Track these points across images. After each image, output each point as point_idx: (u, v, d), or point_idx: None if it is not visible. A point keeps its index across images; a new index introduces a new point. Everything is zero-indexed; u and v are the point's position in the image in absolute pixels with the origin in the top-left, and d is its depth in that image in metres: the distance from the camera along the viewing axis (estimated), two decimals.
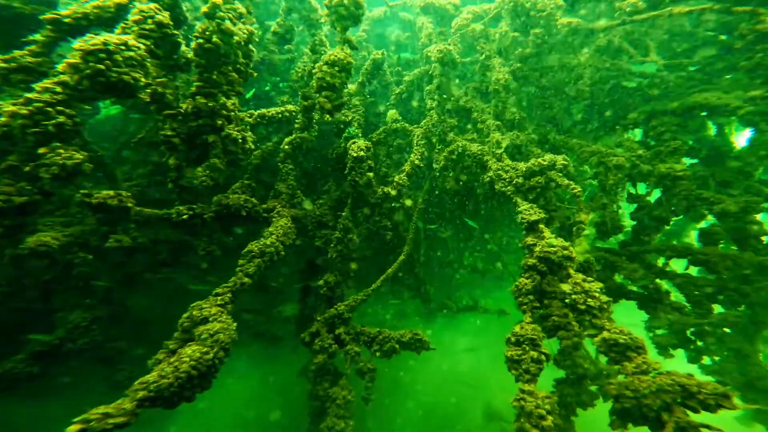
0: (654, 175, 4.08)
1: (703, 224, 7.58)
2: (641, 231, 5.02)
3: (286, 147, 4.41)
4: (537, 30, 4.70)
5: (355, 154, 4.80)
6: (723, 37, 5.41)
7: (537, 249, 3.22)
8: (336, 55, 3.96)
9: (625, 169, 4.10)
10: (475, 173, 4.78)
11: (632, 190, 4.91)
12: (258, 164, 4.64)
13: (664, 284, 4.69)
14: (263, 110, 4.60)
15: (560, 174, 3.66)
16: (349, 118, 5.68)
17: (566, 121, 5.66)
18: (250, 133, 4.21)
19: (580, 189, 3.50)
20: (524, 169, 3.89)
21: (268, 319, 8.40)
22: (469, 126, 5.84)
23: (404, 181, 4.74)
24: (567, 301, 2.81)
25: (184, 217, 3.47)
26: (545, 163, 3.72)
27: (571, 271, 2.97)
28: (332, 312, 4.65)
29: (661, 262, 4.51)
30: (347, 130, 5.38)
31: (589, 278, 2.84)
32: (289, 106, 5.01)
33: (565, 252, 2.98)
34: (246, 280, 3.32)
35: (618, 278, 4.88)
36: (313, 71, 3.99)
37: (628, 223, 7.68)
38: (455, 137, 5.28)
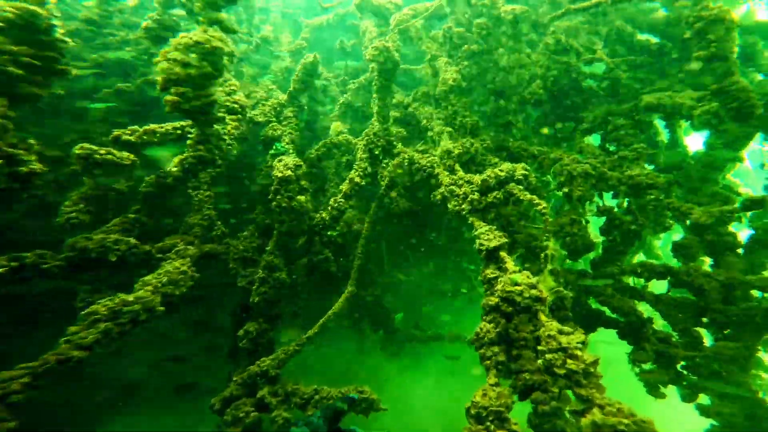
0: (624, 183, 3.60)
1: (663, 236, 7.41)
2: (613, 247, 4.55)
3: (175, 169, 3.50)
4: (481, 20, 4.21)
5: (280, 174, 3.99)
6: (654, 39, 5.26)
7: (499, 287, 2.53)
8: (192, 38, 3.08)
9: (591, 177, 3.59)
10: (427, 189, 4.11)
11: (599, 201, 4.45)
12: (151, 192, 3.66)
13: (644, 308, 4.20)
14: (153, 126, 3.66)
15: (520, 187, 3.05)
16: (278, 132, 4.88)
17: (523, 126, 5.19)
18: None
19: (545, 205, 2.90)
20: (479, 182, 3.25)
21: (199, 367, 7.17)
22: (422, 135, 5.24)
23: (341, 204, 3.96)
24: (540, 362, 2.11)
25: (2, 270, 2.44)
26: (502, 174, 3.10)
27: (543, 317, 2.29)
28: (254, 369, 3.70)
29: (639, 284, 4.02)
30: (274, 146, 4.56)
31: (567, 327, 2.16)
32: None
33: (533, 292, 2.30)
34: (75, 354, 2.33)
35: (593, 303, 4.33)
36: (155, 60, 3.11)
37: (594, 233, 7.35)
38: (403, 149, 4.62)
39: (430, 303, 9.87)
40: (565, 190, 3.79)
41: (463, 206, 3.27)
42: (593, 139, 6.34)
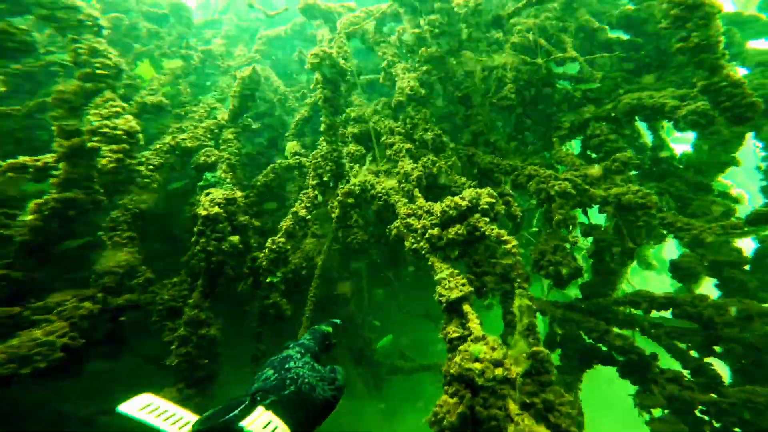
0: (610, 203, 3.14)
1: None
2: (603, 268, 4.08)
3: (31, 218, 2.85)
4: (433, 17, 3.76)
5: (205, 213, 3.41)
6: (625, 37, 4.95)
7: (457, 359, 1.98)
8: None
9: (572, 196, 3.12)
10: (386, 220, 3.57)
11: (584, 219, 3.99)
12: (28, 241, 2.99)
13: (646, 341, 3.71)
14: (23, 158, 2.98)
15: (486, 219, 2.54)
16: (213, 158, 4.29)
17: (495, 136, 4.74)
18: None
19: (515, 243, 2.38)
20: (439, 213, 2.73)
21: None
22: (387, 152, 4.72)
23: (281, 245, 3.39)
24: None
25: None
26: (464, 203, 2.59)
27: (513, 406, 1.74)
28: None
29: (638, 312, 3.53)
30: (204, 177, 3.97)
31: (542, 427, 1.62)
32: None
33: (498, 372, 1.76)
34: None
35: (586, 338, 3.83)
36: None
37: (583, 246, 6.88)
38: (360, 171, 4.08)
39: (415, 329, 9.31)
40: (544, 211, 3.30)
41: (422, 244, 2.73)
42: (575, 144, 5.97)
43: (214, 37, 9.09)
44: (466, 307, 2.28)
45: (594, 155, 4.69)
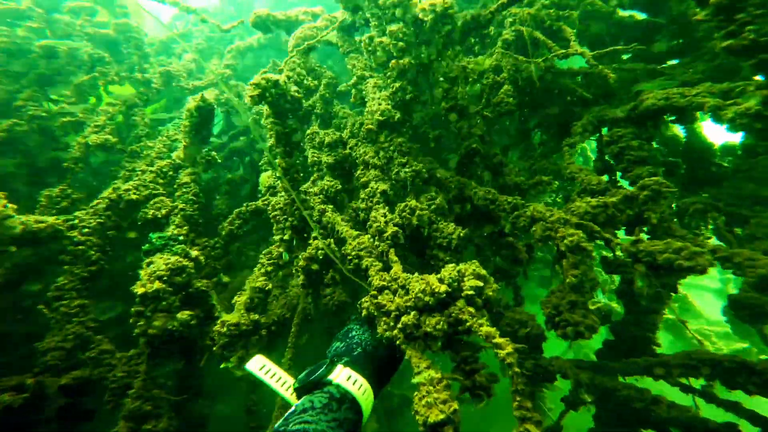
0: (642, 261, 2.47)
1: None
2: (636, 310, 3.42)
3: None
4: (394, 27, 3.13)
5: (143, 290, 2.92)
6: (640, 16, 4.19)
7: None
8: None
9: (589, 253, 2.48)
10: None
11: (608, 254, 3.33)
12: None
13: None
14: None
15: (471, 309, 1.95)
16: (163, 211, 3.78)
17: (492, 150, 4.08)
18: None
19: (510, 350, 1.78)
20: (413, 296, 2.14)
21: None
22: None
23: (232, 329, 2.85)
24: None
25: None
26: (442, 289, 1.99)
27: None
28: None
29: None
30: (149, 239, 3.47)
31: None
32: None
33: None
34: None
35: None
36: None
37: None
38: (334, 218, 3.43)
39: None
40: (554, 260, 2.68)
41: (395, 332, 2.15)
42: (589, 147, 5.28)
43: (186, 52, 8.59)
44: None
45: (612, 162, 4.01)
